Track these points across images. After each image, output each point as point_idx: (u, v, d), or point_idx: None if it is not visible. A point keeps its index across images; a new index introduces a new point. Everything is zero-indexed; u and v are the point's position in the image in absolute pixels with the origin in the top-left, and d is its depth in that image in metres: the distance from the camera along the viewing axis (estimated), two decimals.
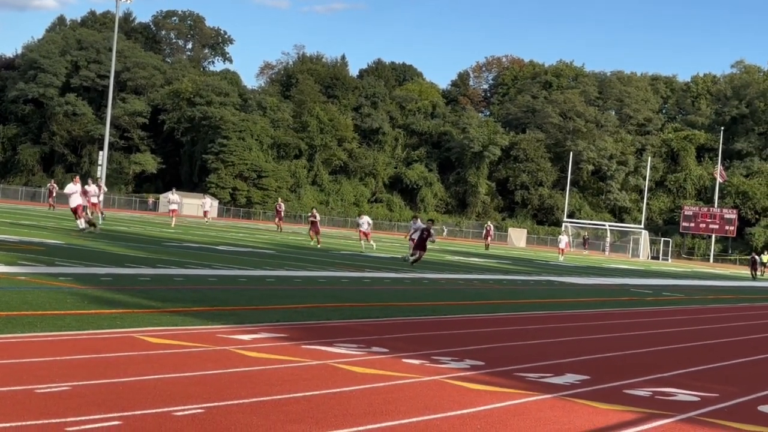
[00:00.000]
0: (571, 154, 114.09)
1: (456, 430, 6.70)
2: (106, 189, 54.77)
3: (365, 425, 6.59)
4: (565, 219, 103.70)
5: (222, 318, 12.02)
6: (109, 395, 6.83)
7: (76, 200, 31.83)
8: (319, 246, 39.15)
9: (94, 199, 40.91)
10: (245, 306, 13.79)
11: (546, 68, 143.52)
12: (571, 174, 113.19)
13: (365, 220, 42.74)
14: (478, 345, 11.82)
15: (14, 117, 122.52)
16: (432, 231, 32.46)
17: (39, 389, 6.81)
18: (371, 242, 41.98)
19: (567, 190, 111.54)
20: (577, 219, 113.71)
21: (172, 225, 49.60)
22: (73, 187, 32.28)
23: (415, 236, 31.74)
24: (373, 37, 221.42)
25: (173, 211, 53.14)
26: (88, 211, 40.70)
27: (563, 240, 64.30)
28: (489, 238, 68.62)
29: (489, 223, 75.34)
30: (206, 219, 66.62)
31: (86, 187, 41.84)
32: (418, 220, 34.05)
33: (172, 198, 54.41)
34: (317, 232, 41.37)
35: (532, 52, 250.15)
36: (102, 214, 43.22)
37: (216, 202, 63.44)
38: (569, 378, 9.64)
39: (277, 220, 59.51)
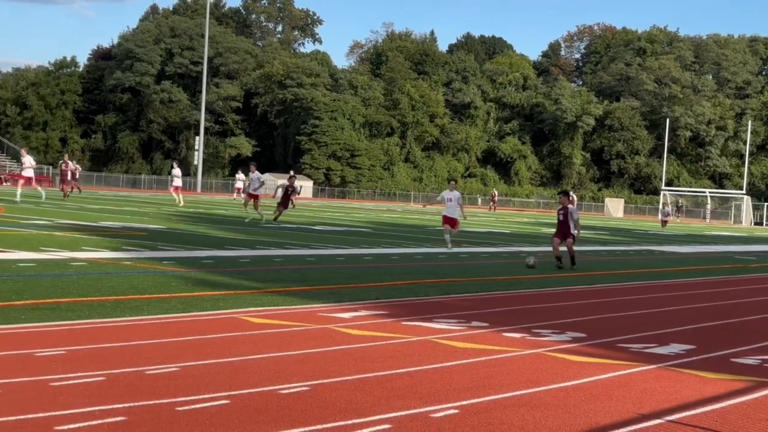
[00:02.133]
0: (668, 120, 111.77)
1: (560, 403, 6.67)
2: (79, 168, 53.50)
3: (468, 399, 6.61)
4: (663, 187, 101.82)
5: (322, 297, 12.15)
6: (216, 375, 6.98)
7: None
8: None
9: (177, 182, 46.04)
10: (344, 284, 13.91)
11: (639, 34, 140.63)
12: (669, 141, 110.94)
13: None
14: (579, 317, 11.73)
15: (113, 106, 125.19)
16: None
17: (149, 371, 6.99)
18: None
19: (664, 157, 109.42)
20: (676, 187, 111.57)
21: (180, 204, 44.15)
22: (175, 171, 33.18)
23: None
24: (461, 11, 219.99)
25: (177, 187, 46.52)
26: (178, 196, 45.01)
27: (666, 210, 62.86)
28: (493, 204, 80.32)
29: (494, 190, 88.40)
30: (235, 197, 60.74)
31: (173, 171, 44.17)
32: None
33: (175, 173, 47.63)
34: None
35: (625, 18, 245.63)
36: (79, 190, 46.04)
37: (243, 176, 62.17)
38: (674, 348, 9.51)
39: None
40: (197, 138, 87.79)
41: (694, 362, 8.72)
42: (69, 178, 47.26)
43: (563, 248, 20.00)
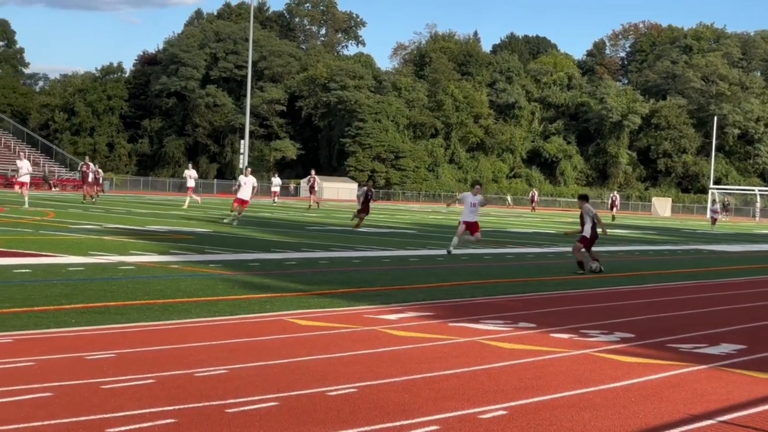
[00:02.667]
0: (716, 118, 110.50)
1: (609, 404, 6.62)
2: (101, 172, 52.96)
3: (517, 401, 6.58)
4: (711, 186, 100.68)
5: (368, 299, 12.16)
6: (264, 377, 7.02)
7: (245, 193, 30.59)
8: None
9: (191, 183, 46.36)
10: (390, 286, 13.91)
11: (685, 32, 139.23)
12: (716, 139, 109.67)
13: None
14: (627, 317, 11.64)
15: (159, 111, 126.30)
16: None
17: (198, 373, 7.04)
18: None
19: (712, 155, 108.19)
20: (724, 185, 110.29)
21: (187, 205, 44.04)
22: (243, 179, 31.15)
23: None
24: (505, 11, 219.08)
25: (190, 188, 46.42)
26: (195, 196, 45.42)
27: (716, 208, 61.13)
28: (534, 203, 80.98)
29: (534, 190, 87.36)
30: (274, 200, 60.28)
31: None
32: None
33: (190, 173, 46.90)
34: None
35: (670, 16, 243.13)
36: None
37: (278, 181, 62.11)
38: (725, 348, 9.40)
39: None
40: (242, 142, 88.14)
41: (745, 362, 8.62)
42: (91, 180, 47.37)
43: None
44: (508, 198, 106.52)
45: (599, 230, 18.77)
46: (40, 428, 5.35)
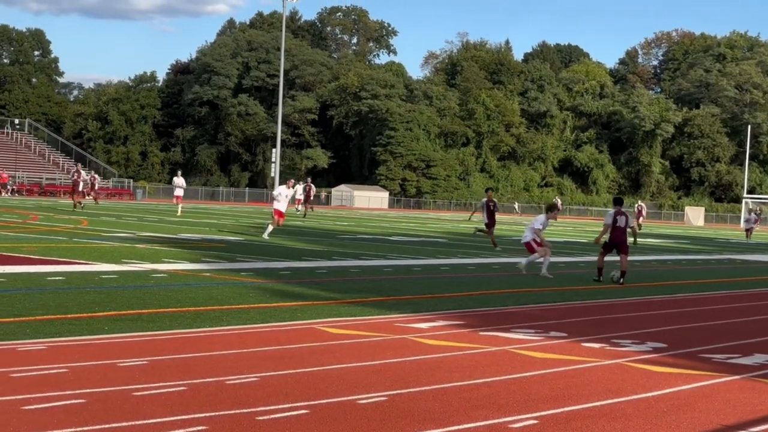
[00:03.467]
0: (749, 127, 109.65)
1: (641, 414, 6.59)
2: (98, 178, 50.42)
3: (548, 410, 6.56)
4: (745, 195, 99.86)
5: (399, 307, 12.16)
6: (295, 385, 7.03)
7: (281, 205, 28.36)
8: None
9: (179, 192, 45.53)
10: (421, 295, 13.90)
11: (719, 40, 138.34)
12: (750, 148, 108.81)
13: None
14: (659, 327, 11.57)
15: (191, 119, 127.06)
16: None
17: (229, 380, 7.07)
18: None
19: (746, 165, 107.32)
20: (758, 194, 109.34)
21: (179, 213, 43.44)
22: (285, 191, 29.32)
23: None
24: (536, 19, 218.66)
25: (178, 197, 45.99)
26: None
27: (752, 218, 54.61)
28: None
29: (556, 198, 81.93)
30: (297, 207, 54.03)
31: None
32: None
33: (177, 182, 46.80)
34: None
35: (703, 24, 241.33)
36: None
37: (301, 187, 58.54)
38: (758, 358, 9.32)
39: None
40: (274, 150, 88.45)
41: None
42: (80, 189, 47.11)
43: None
44: (516, 206, 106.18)
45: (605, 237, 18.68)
46: None
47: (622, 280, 17.70)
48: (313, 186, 53.07)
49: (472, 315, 11.83)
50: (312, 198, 53.36)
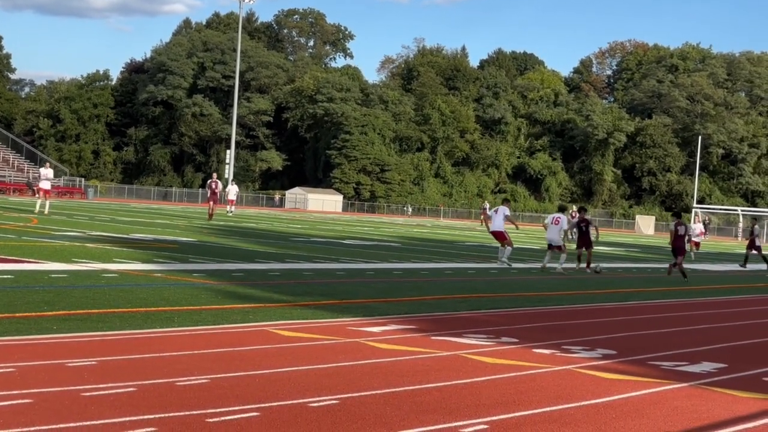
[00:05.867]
0: (700, 138, 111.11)
1: (590, 420, 6.64)
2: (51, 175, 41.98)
3: (498, 415, 6.59)
4: (694, 204, 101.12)
5: (351, 311, 12.15)
6: (246, 387, 7.00)
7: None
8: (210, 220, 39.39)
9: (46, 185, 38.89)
10: (374, 298, 13.90)
11: (671, 51, 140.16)
12: (701, 158, 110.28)
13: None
14: (609, 334, 11.67)
15: (145, 119, 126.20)
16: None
17: (179, 382, 7.02)
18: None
19: (696, 175, 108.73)
20: (708, 204, 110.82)
21: (42, 210, 37.63)
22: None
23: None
24: (493, 27, 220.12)
25: (45, 191, 38.72)
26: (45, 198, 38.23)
27: (697, 228, 43.97)
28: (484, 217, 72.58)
29: (485, 203, 77.37)
30: (229, 208, 54.28)
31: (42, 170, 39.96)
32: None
33: (45, 173, 39.65)
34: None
35: (657, 35, 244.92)
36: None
37: (235, 188, 57.28)
38: (705, 366, 9.43)
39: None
40: (228, 152, 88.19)
41: (725, 381, 8.65)
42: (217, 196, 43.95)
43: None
44: (408, 208, 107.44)
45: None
46: None
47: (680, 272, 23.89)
48: (219, 182, 46.22)
49: (424, 319, 11.85)
50: (217, 196, 45.76)
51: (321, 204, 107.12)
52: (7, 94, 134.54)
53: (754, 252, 32.72)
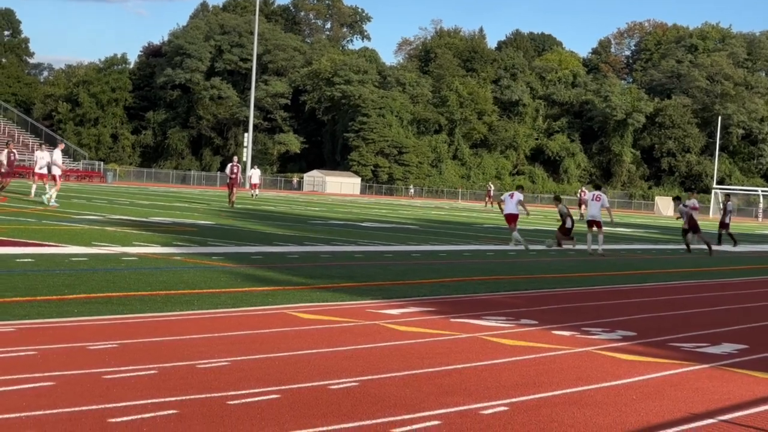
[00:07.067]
0: (720, 118, 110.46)
1: (611, 401, 6.63)
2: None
3: (518, 397, 6.59)
4: (714, 185, 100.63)
5: (370, 293, 12.17)
6: (266, 370, 7.02)
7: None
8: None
9: (43, 170, 33.33)
10: (392, 281, 13.91)
11: (691, 31, 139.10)
12: (720, 139, 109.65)
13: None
14: (629, 315, 11.64)
15: (163, 102, 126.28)
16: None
17: (200, 364, 7.05)
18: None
19: (716, 155, 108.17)
20: (728, 185, 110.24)
21: (32, 196, 33.43)
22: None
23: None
24: (510, 8, 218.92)
25: (42, 175, 33.18)
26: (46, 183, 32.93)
27: (690, 204, 42.02)
28: (489, 198, 73.14)
29: (489, 184, 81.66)
30: (253, 192, 56.18)
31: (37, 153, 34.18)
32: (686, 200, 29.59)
33: (42, 155, 33.69)
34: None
35: (676, 15, 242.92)
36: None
37: (258, 172, 58.36)
38: (726, 347, 9.40)
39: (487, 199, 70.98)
40: (246, 135, 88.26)
41: (746, 362, 8.62)
42: (3, 171, 35.65)
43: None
44: (411, 189, 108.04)
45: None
46: (41, 417, 5.36)
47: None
48: (239, 167, 43.67)
49: (443, 302, 11.86)
50: (239, 182, 44.22)
51: (339, 187, 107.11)
52: (26, 79, 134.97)
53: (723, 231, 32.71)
